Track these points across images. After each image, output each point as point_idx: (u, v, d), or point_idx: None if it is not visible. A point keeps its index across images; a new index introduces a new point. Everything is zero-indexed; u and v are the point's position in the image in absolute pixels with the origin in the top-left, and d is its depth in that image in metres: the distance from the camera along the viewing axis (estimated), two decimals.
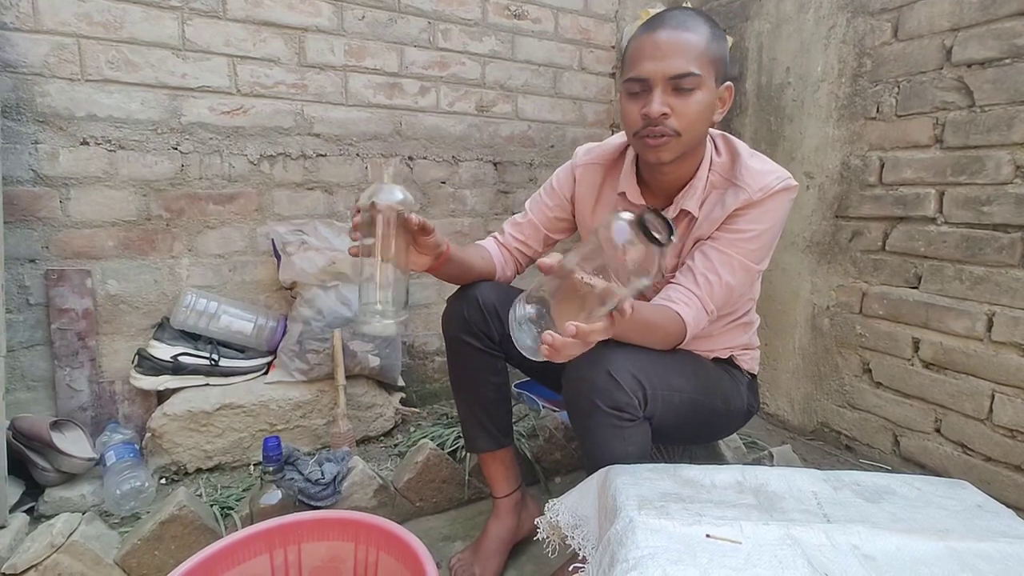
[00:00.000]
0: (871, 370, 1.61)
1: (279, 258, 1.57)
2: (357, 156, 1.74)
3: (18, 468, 1.22)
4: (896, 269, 1.53)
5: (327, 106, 1.67)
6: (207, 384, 1.48)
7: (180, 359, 1.45)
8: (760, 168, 0.99)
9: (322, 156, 1.69)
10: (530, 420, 1.57)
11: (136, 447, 1.36)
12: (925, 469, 1.49)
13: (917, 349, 1.49)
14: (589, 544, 0.80)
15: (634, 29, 1.95)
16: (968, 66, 1.36)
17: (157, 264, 1.52)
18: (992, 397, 1.34)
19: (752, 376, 1.19)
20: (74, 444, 1.28)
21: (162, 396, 1.47)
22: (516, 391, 1.79)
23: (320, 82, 1.66)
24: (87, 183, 1.42)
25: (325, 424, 1.54)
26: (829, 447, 1.72)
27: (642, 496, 0.75)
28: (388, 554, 0.89)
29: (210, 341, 1.51)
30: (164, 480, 1.40)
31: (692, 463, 0.90)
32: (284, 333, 1.56)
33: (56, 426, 1.27)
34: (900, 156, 1.50)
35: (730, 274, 0.97)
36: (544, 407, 1.70)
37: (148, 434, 1.39)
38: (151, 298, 1.52)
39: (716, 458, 1.36)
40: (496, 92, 1.93)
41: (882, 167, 1.55)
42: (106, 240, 1.46)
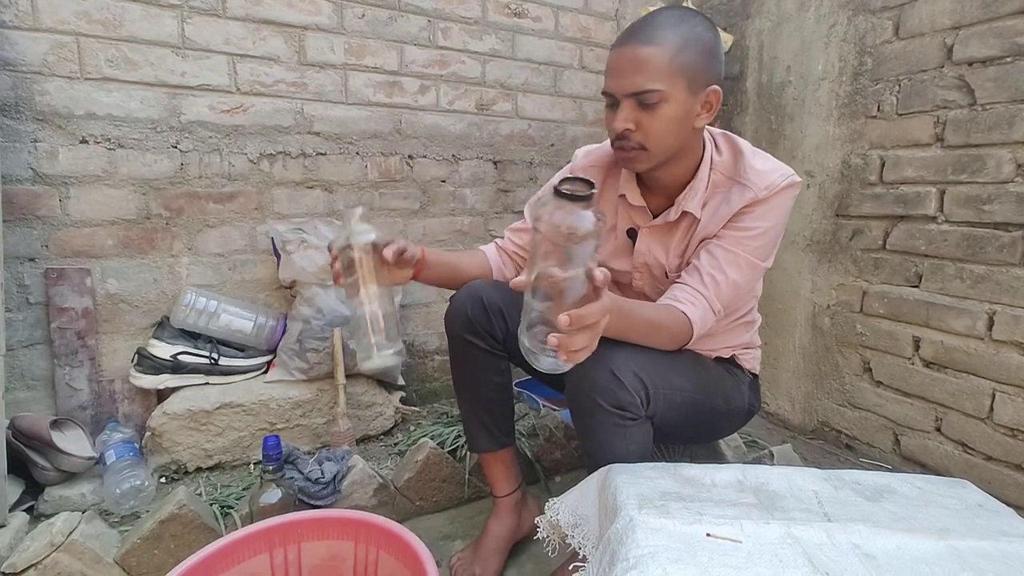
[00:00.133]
0: (871, 369, 1.61)
1: (279, 257, 1.57)
2: (357, 155, 1.73)
3: (18, 467, 1.22)
4: (897, 268, 1.53)
5: (327, 105, 1.67)
6: (207, 383, 1.48)
7: (180, 358, 1.44)
8: (764, 166, 0.98)
9: (322, 155, 1.68)
10: (530, 419, 1.57)
11: (136, 446, 1.35)
12: (925, 468, 1.49)
13: (918, 348, 1.49)
14: (589, 543, 0.79)
15: None
16: (969, 64, 1.35)
17: (157, 263, 1.52)
18: (993, 396, 1.34)
19: (754, 376, 1.19)
20: (74, 443, 1.28)
21: (162, 395, 1.47)
22: (516, 390, 1.79)
23: (320, 81, 1.65)
24: (86, 182, 1.42)
25: (325, 423, 1.54)
26: (829, 446, 1.72)
27: (642, 495, 0.75)
28: (388, 553, 0.89)
29: (210, 340, 1.51)
30: (164, 479, 1.40)
31: (692, 462, 0.90)
32: (284, 332, 1.56)
33: (56, 425, 1.27)
34: (901, 155, 1.50)
35: (737, 272, 0.96)
36: (544, 406, 1.70)
37: (148, 433, 1.39)
38: (151, 297, 1.52)
39: (716, 457, 1.36)
40: (496, 91, 1.92)
41: (883, 166, 1.54)
42: (106, 239, 1.45)
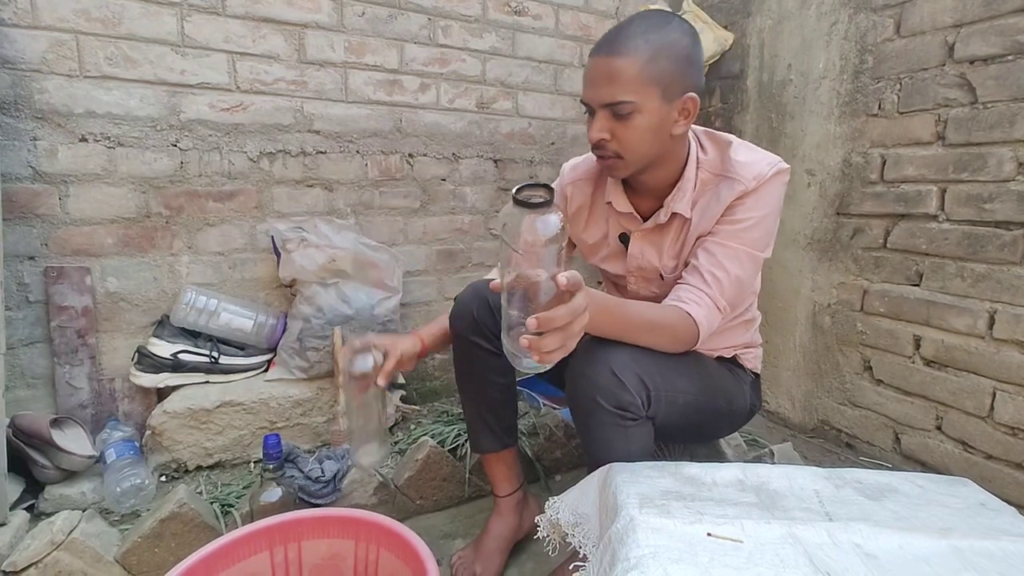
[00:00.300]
0: (872, 368, 1.61)
1: (279, 255, 1.57)
2: (357, 153, 1.73)
3: (18, 465, 1.22)
4: (897, 266, 1.53)
5: (327, 103, 1.67)
6: (207, 382, 1.48)
7: (180, 356, 1.44)
8: (750, 157, 0.98)
9: (322, 153, 1.68)
10: (531, 418, 1.57)
11: (136, 444, 1.35)
12: (926, 467, 1.49)
13: (918, 347, 1.49)
14: (589, 542, 0.79)
15: None
16: (971, 62, 1.35)
17: (157, 261, 1.51)
18: (993, 395, 1.34)
19: (755, 375, 1.19)
20: (74, 441, 1.28)
21: (162, 393, 1.47)
22: (517, 388, 1.79)
23: (320, 79, 1.65)
24: (86, 180, 1.42)
25: (325, 422, 1.54)
26: (830, 445, 1.72)
27: (643, 494, 0.75)
28: (389, 551, 0.89)
29: (210, 338, 1.50)
30: (164, 478, 1.40)
31: (692, 461, 0.90)
32: (284, 330, 1.56)
33: (56, 423, 1.27)
34: (902, 153, 1.50)
35: (737, 266, 0.96)
36: (545, 404, 1.70)
37: (148, 431, 1.39)
38: (151, 295, 1.51)
39: (717, 456, 1.35)
40: (496, 89, 1.92)
41: (884, 164, 1.54)
42: (105, 237, 1.45)
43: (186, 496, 1.10)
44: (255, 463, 1.45)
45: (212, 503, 1.24)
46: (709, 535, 0.66)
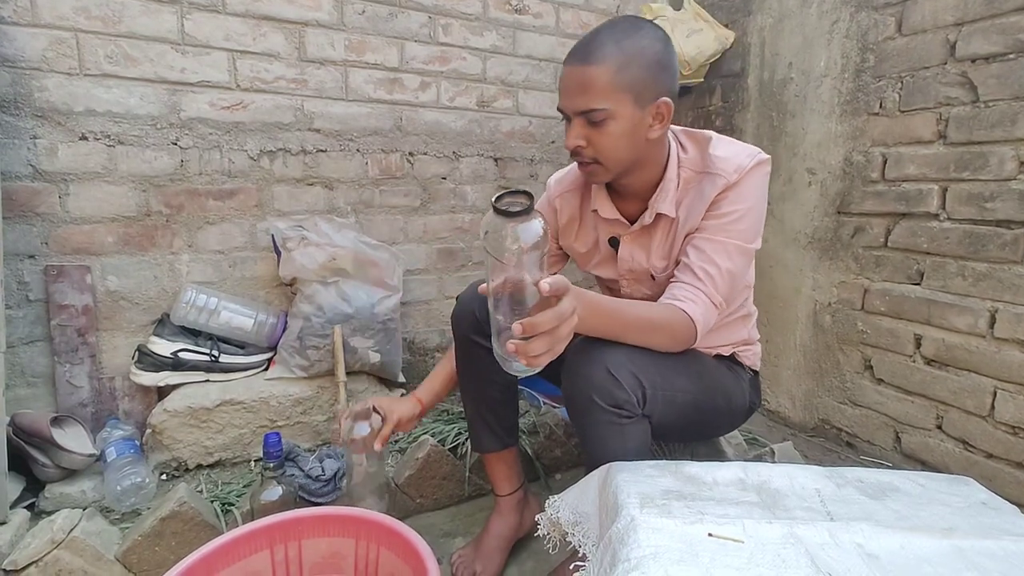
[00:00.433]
0: (872, 367, 1.61)
1: (279, 254, 1.57)
2: (357, 151, 1.73)
3: (18, 464, 1.22)
4: (898, 265, 1.52)
5: (327, 101, 1.67)
6: (207, 380, 1.48)
7: (180, 355, 1.44)
8: (729, 151, 0.99)
9: (322, 151, 1.68)
10: (531, 416, 1.57)
11: (136, 443, 1.35)
12: (926, 466, 1.49)
13: (919, 346, 1.49)
14: (590, 541, 0.79)
15: None
16: (972, 61, 1.35)
17: (157, 260, 1.51)
18: (994, 394, 1.34)
19: (754, 372, 1.19)
20: (74, 440, 1.28)
21: (162, 392, 1.47)
22: (518, 387, 1.79)
23: (320, 77, 1.65)
24: (86, 178, 1.42)
25: (325, 420, 1.54)
26: (830, 444, 1.72)
27: (643, 494, 0.75)
28: (389, 550, 0.89)
29: (210, 337, 1.50)
30: (164, 476, 1.40)
31: (693, 460, 0.89)
32: (284, 329, 1.56)
33: (56, 422, 1.27)
34: (903, 152, 1.50)
35: (728, 260, 0.96)
36: (545, 403, 1.70)
37: (148, 430, 1.39)
38: (151, 294, 1.51)
39: (717, 455, 1.35)
40: (497, 87, 1.91)
41: (885, 163, 1.54)
42: (105, 236, 1.45)
43: (186, 495, 1.10)
44: (255, 462, 1.45)
45: (212, 502, 1.24)
46: (710, 535, 0.66)
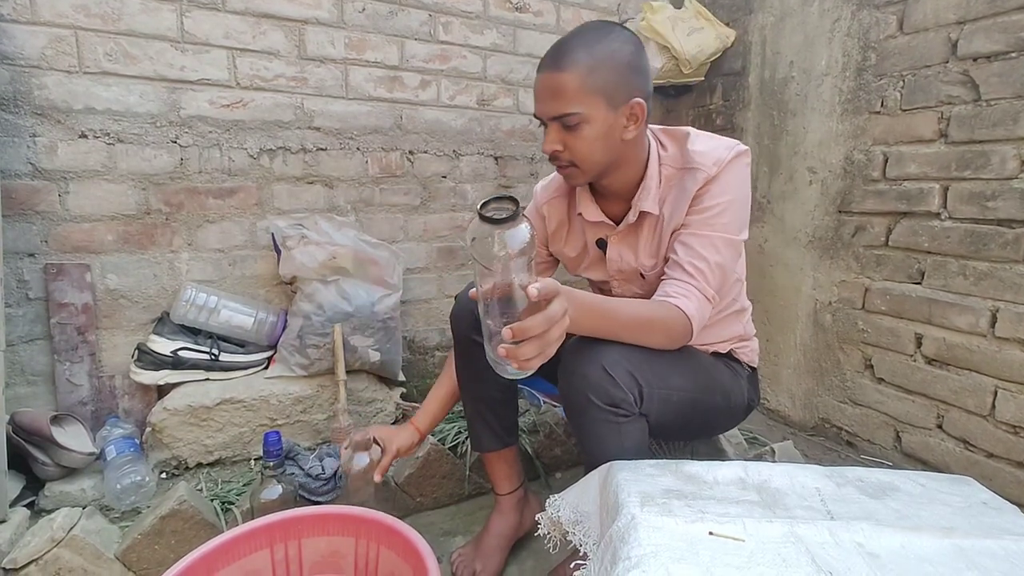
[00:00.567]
0: (873, 366, 1.60)
1: (279, 252, 1.56)
2: (357, 150, 1.73)
3: (18, 462, 1.22)
4: (899, 264, 1.52)
5: (327, 99, 1.66)
6: (207, 379, 1.48)
7: (180, 354, 1.44)
8: (708, 145, 0.99)
9: (322, 150, 1.68)
10: (531, 415, 1.57)
11: (136, 442, 1.35)
12: (926, 465, 1.49)
13: (919, 345, 1.49)
14: (590, 540, 0.79)
15: (638, 25, 1.94)
16: (974, 60, 1.34)
17: (157, 258, 1.51)
18: (995, 393, 1.34)
19: (752, 369, 1.19)
20: (74, 439, 1.28)
21: (162, 391, 1.47)
22: (518, 386, 1.79)
23: (320, 75, 1.64)
24: (86, 177, 1.41)
25: (326, 419, 1.54)
26: (830, 443, 1.72)
27: (644, 492, 0.75)
28: (389, 549, 0.89)
29: (210, 336, 1.50)
30: (164, 475, 1.40)
31: (693, 459, 0.89)
32: (284, 328, 1.56)
33: (56, 420, 1.27)
34: (904, 151, 1.49)
35: (715, 253, 0.96)
36: (544, 402, 1.70)
37: (148, 429, 1.39)
38: (151, 292, 1.51)
39: (718, 454, 1.35)
40: (497, 86, 1.91)
41: (886, 162, 1.53)
42: (105, 234, 1.45)
43: (186, 493, 1.10)
44: (255, 460, 1.45)
45: (212, 500, 1.24)
46: (711, 534, 0.66)
